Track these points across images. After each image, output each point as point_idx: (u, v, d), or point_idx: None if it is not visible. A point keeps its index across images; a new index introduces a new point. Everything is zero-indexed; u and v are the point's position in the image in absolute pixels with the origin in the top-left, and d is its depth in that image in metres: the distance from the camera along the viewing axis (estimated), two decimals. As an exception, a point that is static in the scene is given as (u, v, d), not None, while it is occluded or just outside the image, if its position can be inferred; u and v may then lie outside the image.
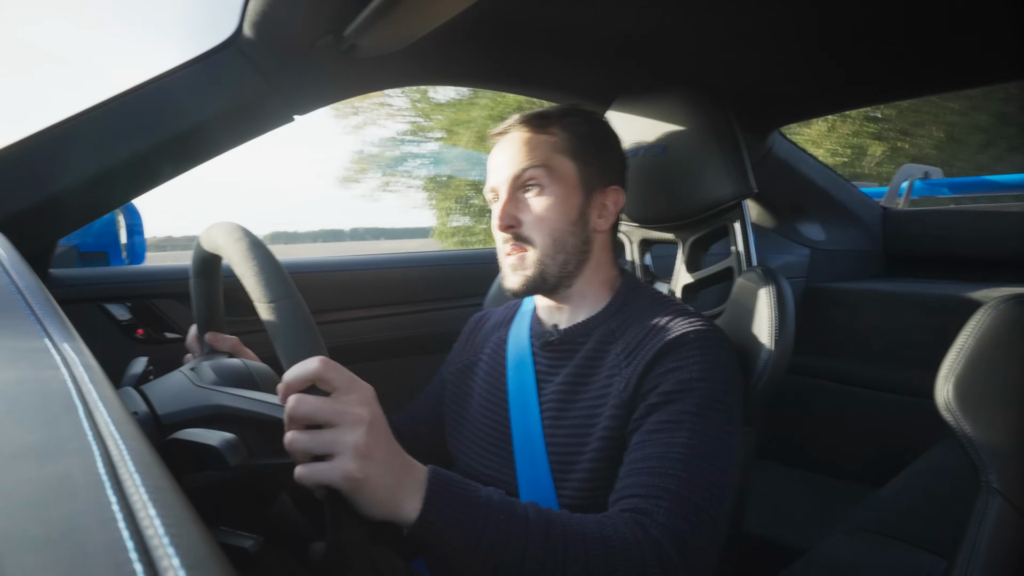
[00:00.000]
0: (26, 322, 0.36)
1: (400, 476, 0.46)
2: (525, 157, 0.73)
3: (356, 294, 1.19)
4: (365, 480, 0.43)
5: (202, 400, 0.56)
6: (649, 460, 0.59)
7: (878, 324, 1.42)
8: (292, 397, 0.43)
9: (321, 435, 0.43)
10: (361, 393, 0.45)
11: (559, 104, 0.81)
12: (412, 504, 0.46)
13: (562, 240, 0.73)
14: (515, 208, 0.74)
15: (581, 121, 0.77)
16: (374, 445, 0.44)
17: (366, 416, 0.44)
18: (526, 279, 0.74)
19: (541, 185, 0.73)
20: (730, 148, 0.86)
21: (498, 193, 0.75)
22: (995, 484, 0.54)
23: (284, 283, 0.47)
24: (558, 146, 0.74)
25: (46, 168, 0.78)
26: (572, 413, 0.70)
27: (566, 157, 0.74)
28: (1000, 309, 0.57)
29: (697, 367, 0.64)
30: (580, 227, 0.75)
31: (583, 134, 0.76)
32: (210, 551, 0.16)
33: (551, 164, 0.73)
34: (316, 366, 0.43)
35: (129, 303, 0.97)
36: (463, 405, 0.83)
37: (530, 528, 0.49)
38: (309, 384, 0.43)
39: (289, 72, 0.86)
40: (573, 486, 0.67)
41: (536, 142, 0.74)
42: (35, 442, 0.21)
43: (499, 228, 0.73)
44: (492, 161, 0.77)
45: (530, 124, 0.75)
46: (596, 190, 0.76)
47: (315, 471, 0.43)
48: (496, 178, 0.75)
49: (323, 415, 0.43)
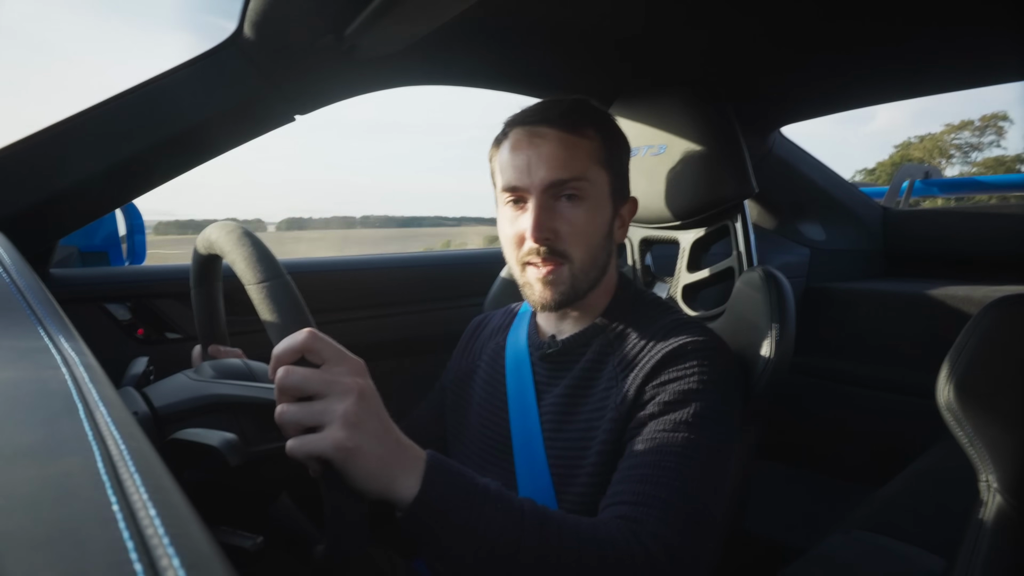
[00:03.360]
0: (26, 322, 0.36)
1: (394, 451, 0.45)
2: (564, 164, 0.67)
3: (356, 294, 1.19)
4: (356, 450, 0.42)
5: (198, 391, 0.56)
6: (642, 467, 0.59)
7: (878, 324, 1.42)
8: (281, 369, 0.43)
9: (311, 406, 0.43)
10: (351, 364, 0.45)
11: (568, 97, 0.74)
12: (409, 482, 0.45)
13: (596, 255, 0.70)
14: (550, 218, 0.67)
15: (605, 122, 0.72)
16: (365, 415, 0.44)
17: (357, 385, 0.44)
18: (562, 295, 0.69)
19: (580, 196, 0.68)
20: (730, 148, 0.86)
21: (524, 197, 0.69)
22: (995, 484, 0.54)
23: (272, 264, 0.48)
24: (594, 154, 0.69)
25: (46, 168, 0.78)
26: (571, 425, 0.70)
27: (601, 167, 0.69)
28: (1001, 309, 0.57)
29: (695, 379, 0.63)
30: (609, 241, 0.72)
31: (610, 139, 0.71)
32: (210, 551, 0.16)
33: (590, 175, 0.68)
34: (304, 337, 0.43)
35: (129, 303, 0.97)
36: (463, 414, 0.83)
37: (526, 520, 0.49)
38: (298, 356, 0.43)
39: (289, 72, 0.86)
40: (574, 497, 0.67)
41: (574, 147, 0.68)
42: (35, 442, 0.21)
43: (534, 239, 0.67)
44: (517, 158, 0.69)
45: (566, 124, 0.68)
46: (621, 202, 0.74)
47: (305, 442, 0.42)
48: (524, 180, 0.68)
49: (312, 385, 0.43)
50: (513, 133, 0.71)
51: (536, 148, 0.68)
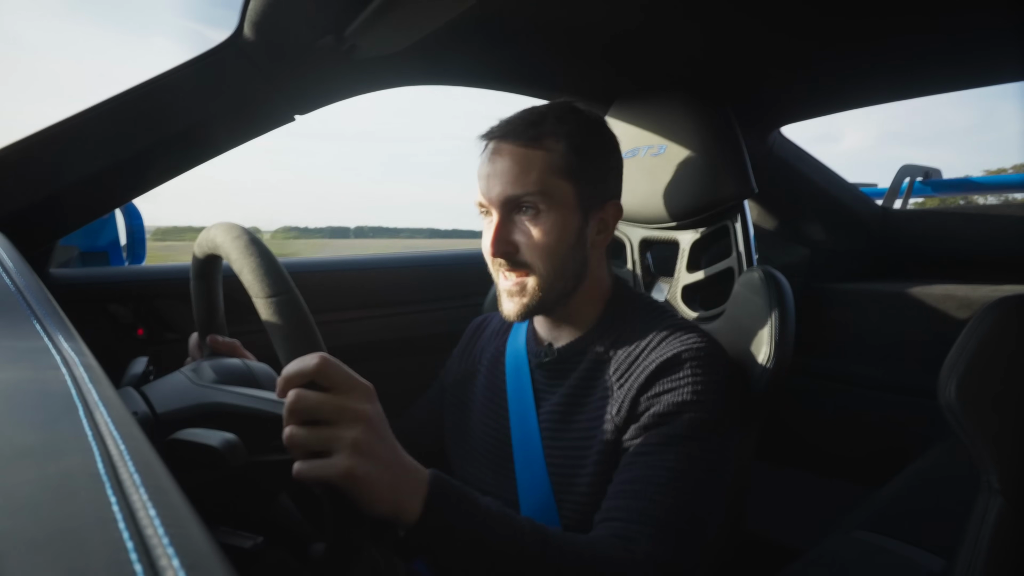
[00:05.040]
0: (26, 322, 0.36)
1: (400, 475, 0.46)
2: (518, 180, 0.67)
3: (356, 294, 1.19)
4: (364, 477, 0.42)
5: (201, 398, 0.56)
6: (635, 483, 0.59)
7: (878, 324, 1.42)
8: (291, 392, 0.43)
9: (320, 431, 0.43)
10: (361, 390, 0.45)
11: (552, 102, 0.74)
12: (412, 506, 0.46)
13: (562, 266, 0.69)
14: (509, 232, 0.69)
15: (577, 129, 0.70)
16: (373, 442, 0.44)
17: (366, 413, 0.44)
18: (524, 307, 0.70)
19: (537, 209, 0.68)
20: (730, 148, 0.86)
21: (490, 211, 0.70)
22: (996, 484, 0.54)
23: (282, 278, 0.47)
24: (554, 165, 0.68)
25: (46, 168, 0.78)
26: (569, 433, 0.70)
27: (562, 179, 0.68)
28: (1002, 309, 0.56)
29: (690, 388, 0.63)
30: (578, 250, 0.71)
31: (580, 146, 0.69)
32: (210, 551, 0.16)
33: (547, 189, 0.67)
34: (316, 361, 0.43)
35: (129, 303, 0.97)
36: (463, 416, 0.83)
37: (527, 541, 0.50)
38: (308, 379, 0.43)
39: (289, 72, 0.86)
40: (573, 504, 0.67)
41: (530, 161, 0.67)
42: (35, 442, 0.21)
43: (492, 254, 0.69)
44: (483, 170, 0.70)
45: (521, 138, 0.68)
46: (595, 209, 0.72)
47: (313, 467, 0.42)
48: (487, 195, 0.70)
49: (322, 411, 0.43)
50: (487, 147, 0.72)
51: (494, 164, 0.69)
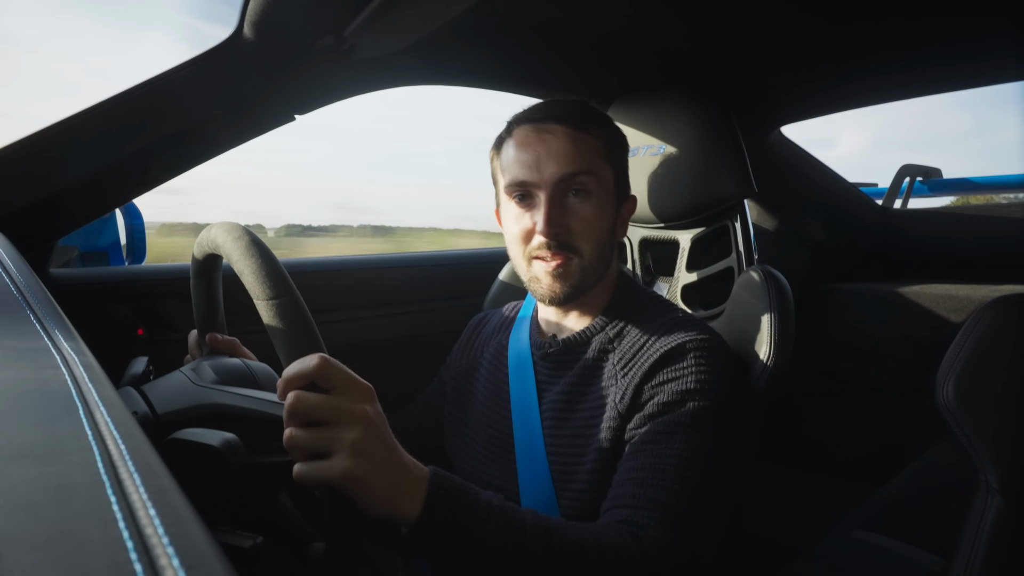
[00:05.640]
0: (26, 322, 0.36)
1: (400, 476, 0.46)
2: (573, 160, 0.68)
3: (356, 294, 1.19)
4: (363, 478, 0.43)
5: (201, 398, 0.56)
6: (641, 470, 0.59)
7: (878, 324, 1.42)
8: (291, 394, 0.43)
9: (320, 432, 0.43)
10: (361, 391, 0.45)
11: (566, 100, 0.76)
12: (413, 505, 0.46)
13: (603, 250, 0.71)
14: (560, 214, 0.69)
15: (608, 122, 0.75)
16: (373, 443, 0.44)
17: (365, 414, 0.44)
18: (572, 287, 0.70)
19: (588, 191, 0.69)
20: (730, 148, 0.86)
21: (534, 192, 0.70)
22: (994, 484, 0.54)
23: (283, 280, 0.47)
24: (599, 150, 0.71)
25: (47, 167, 0.78)
26: (571, 423, 0.70)
27: (606, 163, 0.71)
28: (1000, 309, 0.57)
29: (693, 378, 0.64)
30: (612, 237, 0.74)
31: (614, 140, 0.74)
32: (209, 551, 0.16)
33: (597, 170, 0.70)
34: (316, 363, 0.43)
35: (129, 303, 0.97)
36: (464, 410, 0.83)
37: (529, 535, 0.50)
38: (308, 381, 0.43)
39: (289, 72, 0.86)
40: (574, 494, 0.67)
41: (582, 143, 0.69)
42: (35, 442, 0.21)
43: (545, 235, 0.68)
44: (524, 154, 0.70)
45: (574, 122, 0.70)
46: (623, 199, 0.76)
47: (313, 469, 0.42)
48: (533, 175, 0.69)
49: (322, 412, 0.43)
50: (519, 131, 0.71)
51: (545, 144, 0.69)
